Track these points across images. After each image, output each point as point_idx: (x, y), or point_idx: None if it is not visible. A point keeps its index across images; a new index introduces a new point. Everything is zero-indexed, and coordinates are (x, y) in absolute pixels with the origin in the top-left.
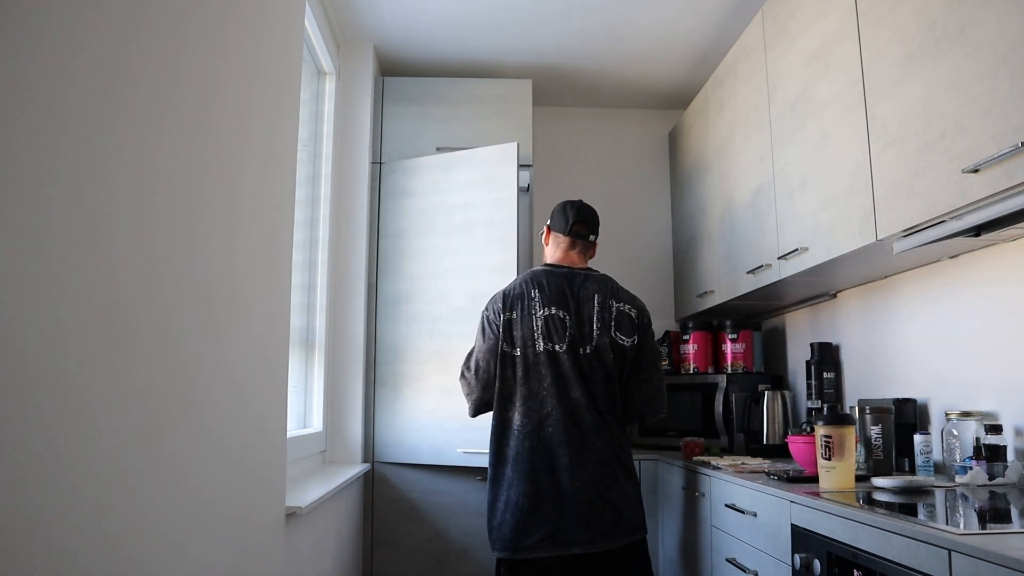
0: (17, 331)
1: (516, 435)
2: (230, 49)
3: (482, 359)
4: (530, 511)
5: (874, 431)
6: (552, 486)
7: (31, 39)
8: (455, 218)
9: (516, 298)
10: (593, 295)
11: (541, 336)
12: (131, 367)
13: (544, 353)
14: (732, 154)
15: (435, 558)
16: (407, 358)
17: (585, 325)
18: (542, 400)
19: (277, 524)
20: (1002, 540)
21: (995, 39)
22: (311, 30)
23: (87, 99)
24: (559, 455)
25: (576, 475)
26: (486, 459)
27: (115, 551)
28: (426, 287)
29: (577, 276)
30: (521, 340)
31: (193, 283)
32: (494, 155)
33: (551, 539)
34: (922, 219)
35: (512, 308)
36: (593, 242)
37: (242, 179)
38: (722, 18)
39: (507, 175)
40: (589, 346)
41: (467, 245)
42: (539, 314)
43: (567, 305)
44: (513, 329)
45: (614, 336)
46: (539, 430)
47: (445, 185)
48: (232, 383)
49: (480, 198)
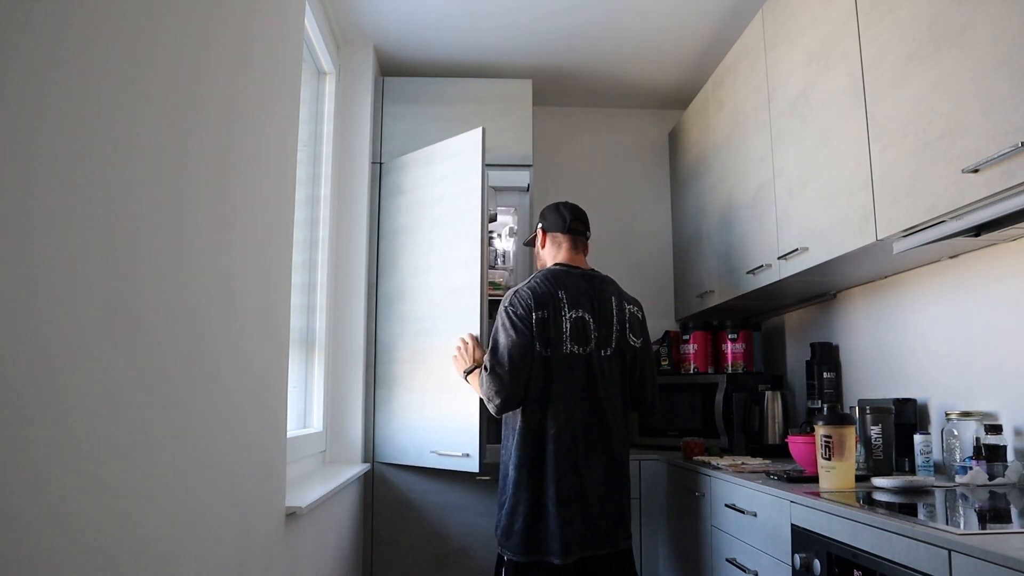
0: (18, 330)
1: (544, 438)
2: (230, 49)
3: (516, 354)
4: (553, 515)
5: (874, 431)
6: (573, 488)
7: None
8: (434, 212)
9: (546, 297)
10: (610, 297)
11: (568, 338)
12: (131, 367)
13: (572, 356)
14: (732, 154)
15: (435, 558)
16: (398, 357)
17: (606, 327)
18: (568, 403)
19: (277, 524)
20: (1002, 540)
21: (995, 39)
22: (311, 30)
23: (97, 102)
24: (581, 458)
25: (596, 479)
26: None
27: (115, 551)
28: (412, 284)
29: (594, 277)
30: (551, 341)
31: (193, 283)
32: (461, 145)
33: (571, 543)
34: (922, 219)
35: (544, 307)
36: (589, 239)
37: (242, 179)
38: (722, 18)
39: (472, 164)
40: (610, 348)
41: (442, 239)
42: (567, 315)
43: (591, 307)
44: (545, 329)
45: (628, 338)
46: (565, 433)
47: (427, 179)
48: (232, 383)
49: (450, 190)
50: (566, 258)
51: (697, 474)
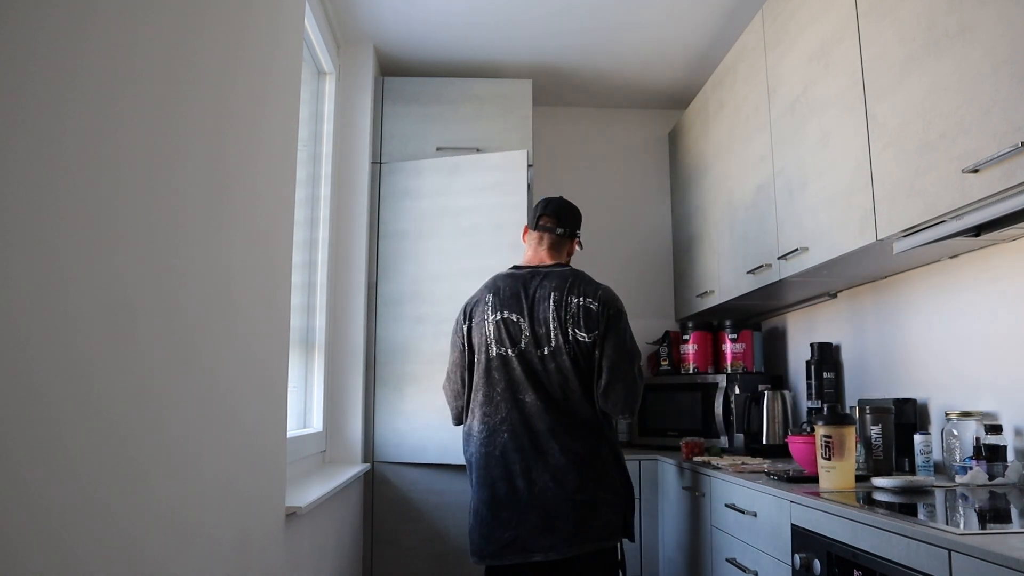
0: (21, 328)
1: (475, 441)
2: (230, 49)
3: (451, 369)
4: (490, 518)
5: (874, 431)
6: (509, 492)
7: (34, 39)
8: (461, 221)
9: (474, 305)
10: (549, 294)
11: (494, 341)
12: (131, 367)
13: (497, 358)
14: (732, 154)
15: (435, 558)
16: (413, 358)
17: (541, 326)
18: (496, 406)
19: (277, 524)
20: (1002, 540)
21: (995, 39)
22: (311, 30)
23: (88, 99)
24: (515, 461)
25: (533, 481)
26: None
27: (115, 551)
28: (432, 289)
29: (536, 275)
30: (478, 347)
31: (192, 282)
32: (503, 161)
33: (510, 546)
34: (922, 219)
35: (471, 316)
36: (564, 235)
37: (242, 179)
38: (722, 18)
39: (517, 181)
40: (547, 347)
41: (474, 248)
42: (491, 319)
43: (520, 308)
44: (472, 337)
45: (574, 334)
46: (494, 436)
47: (451, 188)
48: (232, 383)
49: (487, 202)
50: (527, 258)
51: (697, 474)
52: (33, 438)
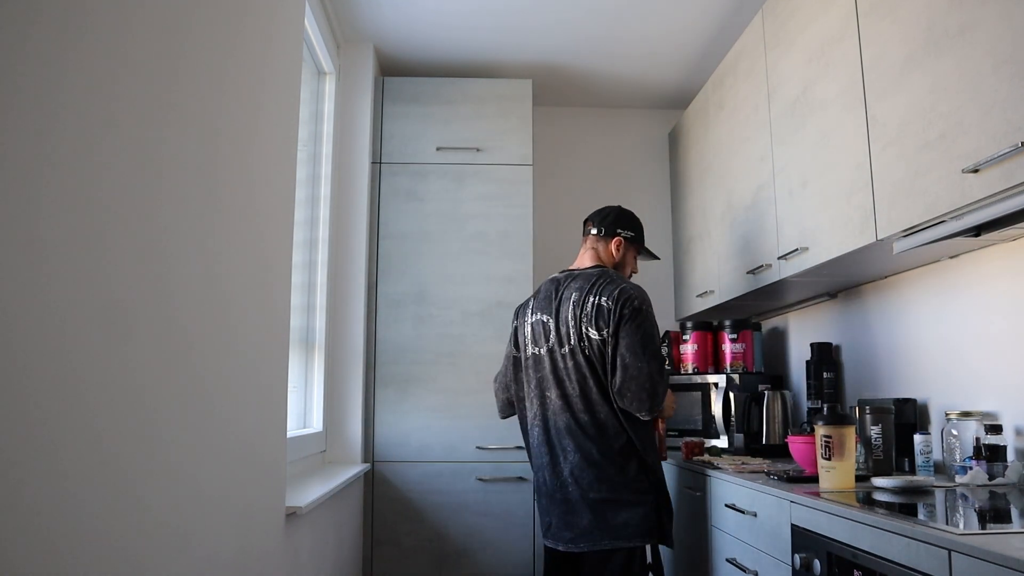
0: (11, 331)
1: (526, 432)
2: (230, 49)
3: (504, 363)
4: (541, 501)
5: (874, 431)
6: (544, 482)
7: (26, 37)
8: (467, 227)
9: (522, 307)
10: (572, 294)
11: (530, 341)
12: (131, 367)
13: (532, 357)
14: (732, 154)
15: (435, 558)
16: (413, 358)
17: (563, 326)
18: (531, 401)
19: (277, 524)
20: (1002, 540)
21: (995, 39)
22: (311, 30)
23: (85, 96)
24: (544, 454)
25: (558, 475)
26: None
27: (115, 551)
28: (436, 291)
29: (571, 277)
30: (521, 346)
31: (192, 283)
32: (510, 174)
33: (549, 530)
34: (922, 219)
35: (517, 317)
36: (600, 234)
37: (241, 179)
38: (722, 18)
39: (524, 193)
40: (567, 346)
41: (480, 254)
42: (529, 320)
43: (550, 309)
44: (517, 336)
45: (587, 332)
46: (531, 430)
47: (457, 194)
48: (232, 383)
49: (494, 211)
50: (574, 264)
51: (697, 474)
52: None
